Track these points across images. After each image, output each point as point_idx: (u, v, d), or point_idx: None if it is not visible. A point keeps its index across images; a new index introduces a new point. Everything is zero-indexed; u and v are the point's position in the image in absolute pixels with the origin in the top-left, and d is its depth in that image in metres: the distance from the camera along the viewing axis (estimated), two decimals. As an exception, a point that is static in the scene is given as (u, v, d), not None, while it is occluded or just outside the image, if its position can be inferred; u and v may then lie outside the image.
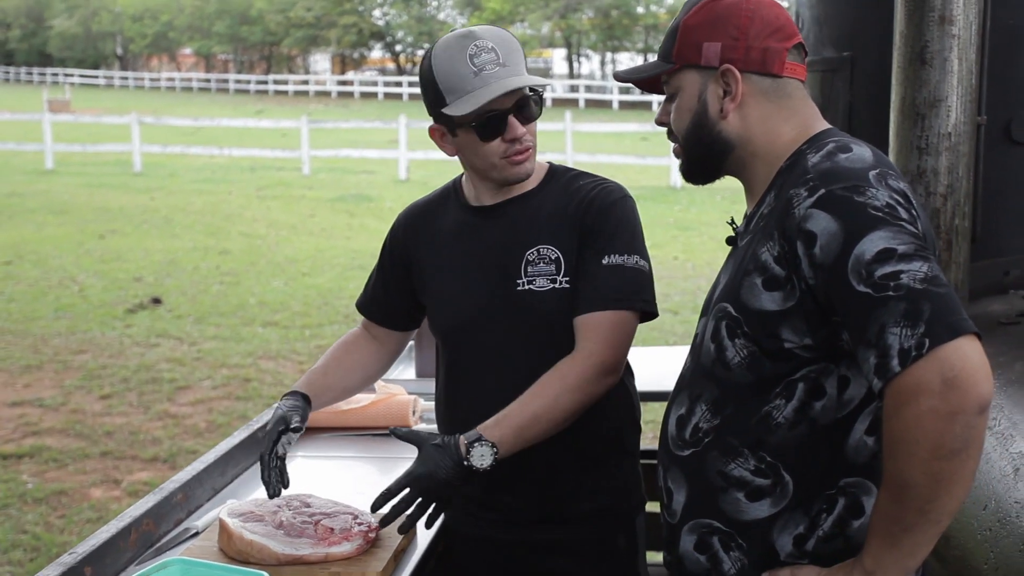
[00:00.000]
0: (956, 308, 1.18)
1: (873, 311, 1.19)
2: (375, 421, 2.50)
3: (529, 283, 1.79)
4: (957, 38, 2.01)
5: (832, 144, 1.35)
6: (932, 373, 1.14)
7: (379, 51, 54.63)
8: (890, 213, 1.24)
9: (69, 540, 4.13)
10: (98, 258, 10.15)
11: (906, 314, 1.16)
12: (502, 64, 1.73)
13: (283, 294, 8.67)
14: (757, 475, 1.37)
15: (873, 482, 1.34)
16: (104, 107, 31.25)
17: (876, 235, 1.22)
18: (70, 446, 5.19)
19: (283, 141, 21.70)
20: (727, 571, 1.40)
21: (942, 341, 1.15)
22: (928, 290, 1.17)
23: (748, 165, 1.45)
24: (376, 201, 14.16)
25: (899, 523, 1.21)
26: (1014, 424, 1.67)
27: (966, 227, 2.10)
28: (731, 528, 1.39)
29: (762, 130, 1.42)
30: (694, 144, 1.46)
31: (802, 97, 1.44)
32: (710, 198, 13.93)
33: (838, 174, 1.28)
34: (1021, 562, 1.41)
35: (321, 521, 1.76)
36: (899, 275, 1.18)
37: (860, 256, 1.21)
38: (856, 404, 1.33)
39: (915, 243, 1.22)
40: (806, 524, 1.35)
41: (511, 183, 1.83)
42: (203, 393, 6.07)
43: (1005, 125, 2.27)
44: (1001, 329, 2.05)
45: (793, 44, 1.42)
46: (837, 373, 1.32)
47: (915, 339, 1.15)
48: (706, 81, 1.43)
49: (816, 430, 1.34)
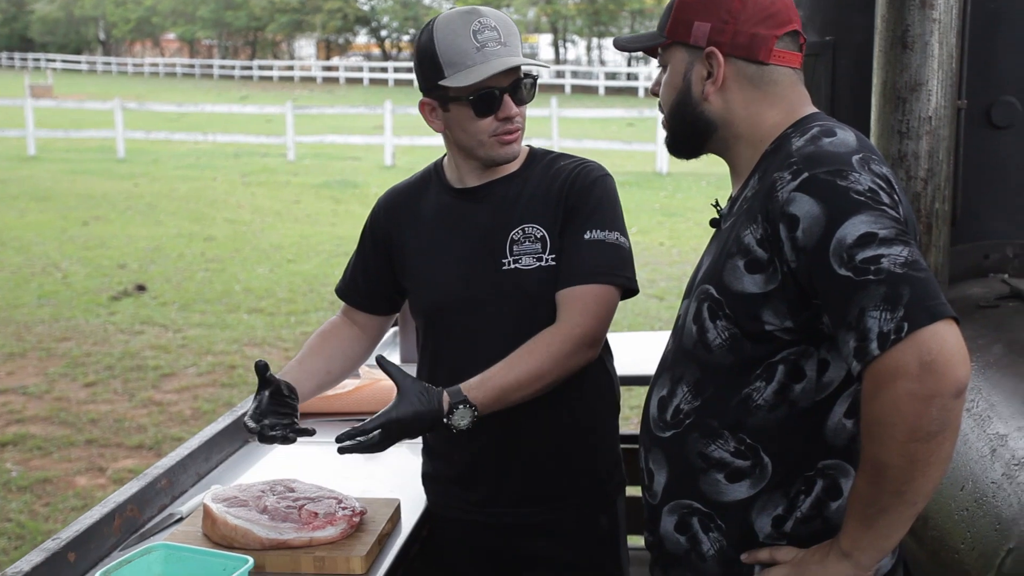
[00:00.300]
0: (935, 292, 1.19)
1: (854, 294, 1.20)
2: (360, 407, 2.50)
3: (515, 262, 1.81)
4: (938, 22, 2.02)
5: (817, 128, 1.36)
6: (910, 356, 1.16)
7: (364, 36, 54.34)
8: (872, 198, 1.25)
9: (54, 528, 4.13)
10: (81, 245, 10.09)
11: (886, 298, 1.18)
12: (503, 43, 1.76)
13: (268, 281, 8.65)
14: (737, 456, 1.38)
15: (851, 464, 1.35)
16: (87, 93, 30.99)
17: (858, 219, 1.23)
18: (54, 434, 5.17)
19: (268, 127, 21.58)
20: (706, 552, 1.42)
21: (921, 325, 1.16)
22: (908, 274, 1.19)
23: (731, 147, 1.46)
24: (362, 187, 14.11)
25: (875, 504, 1.23)
26: (991, 406, 1.69)
27: (946, 211, 2.12)
28: (710, 509, 1.41)
29: (745, 114, 1.43)
30: (677, 120, 1.48)
31: (790, 84, 1.44)
32: (695, 183, 13.94)
33: (821, 158, 1.29)
34: (997, 541, 1.42)
35: (305, 506, 1.76)
36: (880, 259, 1.20)
37: (842, 239, 1.22)
38: (835, 387, 1.34)
39: (896, 228, 1.23)
40: (785, 505, 1.37)
41: (497, 163, 1.84)
42: (188, 380, 6.06)
43: (985, 109, 2.29)
44: (980, 312, 2.07)
45: (786, 31, 1.42)
46: (817, 356, 1.33)
47: (894, 323, 1.17)
48: (693, 60, 1.44)
49: (795, 412, 1.35)
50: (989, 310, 2.05)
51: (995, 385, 1.74)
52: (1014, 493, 1.45)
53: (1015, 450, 1.52)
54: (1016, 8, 2.29)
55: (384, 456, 2.30)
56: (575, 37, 48.63)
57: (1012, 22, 2.29)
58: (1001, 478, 1.50)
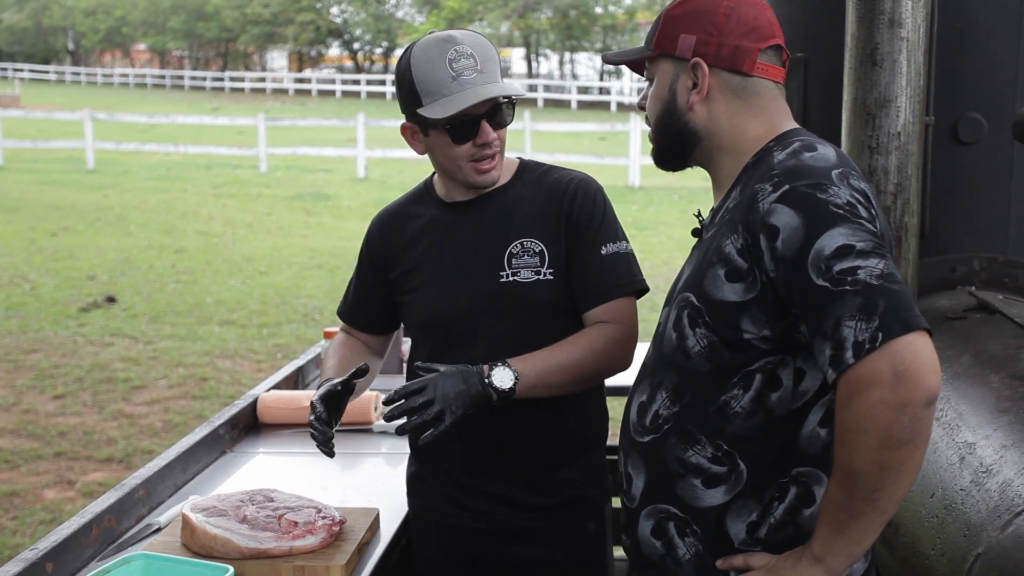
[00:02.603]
0: (909, 304, 1.22)
1: (830, 304, 1.23)
2: (347, 417, 2.49)
3: (513, 275, 1.83)
4: (906, 40, 2.07)
5: (798, 143, 1.39)
6: (884, 365, 1.19)
7: (337, 49, 54.21)
8: (850, 211, 1.28)
9: (22, 542, 4.07)
10: (50, 256, 9.98)
11: (861, 308, 1.21)
12: (479, 71, 1.78)
13: (240, 293, 8.60)
14: (714, 462, 1.40)
15: (824, 472, 1.38)
16: (55, 103, 30.66)
17: (836, 231, 1.26)
18: (22, 447, 5.10)
19: (239, 139, 21.47)
20: (682, 557, 1.44)
21: (894, 335, 1.19)
22: (883, 286, 1.21)
23: (714, 158, 1.49)
24: (334, 199, 14.07)
25: (847, 510, 1.25)
26: (960, 415, 1.72)
27: (915, 224, 2.16)
28: (686, 514, 1.43)
29: (728, 125, 1.46)
30: (662, 132, 1.51)
31: (773, 97, 1.48)
32: (667, 198, 14.04)
33: (802, 171, 1.33)
34: (967, 547, 1.45)
35: (285, 515, 1.76)
36: (856, 271, 1.22)
37: (820, 251, 1.25)
38: (810, 396, 1.37)
39: (873, 241, 1.26)
40: (759, 511, 1.39)
41: (476, 188, 1.87)
42: (159, 392, 6.01)
43: (952, 125, 2.34)
44: (948, 324, 2.11)
45: (769, 45, 1.46)
46: (793, 365, 1.36)
47: (869, 332, 1.19)
48: (678, 72, 1.47)
49: (771, 420, 1.38)
50: (957, 322, 2.10)
51: (963, 395, 1.77)
52: (982, 500, 1.48)
53: (983, 458, 1.56)
54: (981, 27, 2.35)
55: (362, 466, 2.32)
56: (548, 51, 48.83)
57: (977, 41, 2.35)
58: (970, 485, 1.54)
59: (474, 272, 1.85)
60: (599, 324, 1.83)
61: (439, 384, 1.69)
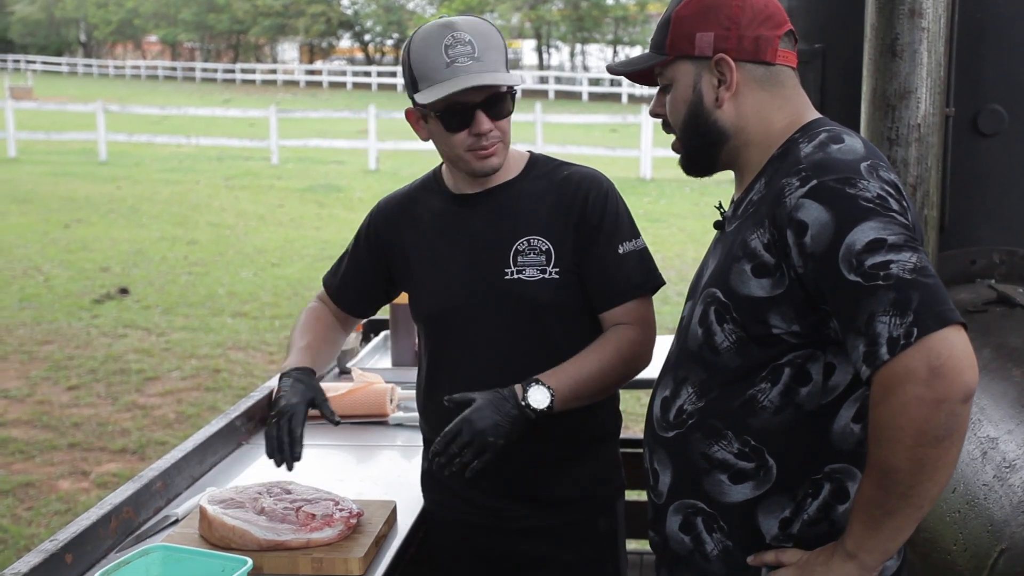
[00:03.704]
0: (943, 298, 1.20)
1: (863, 300, 1.21)
2: (352, 410, 2.51)
3: (518, 272, 1.82)
4: (926, 31, 2.05)
5: (825, 134, 1.37)
6: (919, 361, 1.17)
7: (348, 40, 54.21)
8: (881, 204, 1.26)
9: (37, 532, 4.09)
10: (64, 248, 10.02)
11: (895, 303, 1.19)
12: (476, 58, 1.75)
13: (252, 284, 8.62)
14: (740, 458, 1.39)
15: (858, 468, 1.36)
16: (68, 95, 30.77)
17: (867, 225, 1.24)
18: (37, 437, 5.13)
19: (251, 131, 21.49)
20: (710, 552, 1.43)
21: (930, 330, 1.17)
22: (917, 280, 1.20)
23: (741, 154, 1.46)
24: (346, 191, 14.08)
25: (882, 507, 1.24)
26: (982, 409, 1.71)
27: (934, 217, 2.15)
28: (714, 510, 1.42)
29: (756, 119, 1.44)
30: (691, 135, 1.48)
31: (794, 85, 1.46)
32: (679, 190, 14.00)
33: (830, 165, 1.31)
34: (989, 543, 1.44)
35: (303, 507, 1.76)
36: (889, 264, 1.21)
37: (851, 245, 1.24)
38: (841, 391, 1.35)
39: (905, 234, 1.24)
40: (792, 508, 1.37)
41: (478, 176, 1.84)
42: (172, 384, 6.03)
43: (973, 117, 2.31)
44: (968, 317, 2.09)
45: (784, 32, 1.44)
46: (823, 360, 1.34)
47: (904, 328, 1.18)
48: (700, 71, 1.44)
49: (801, 415, 1.36)
50: (977, 315, 2.08)
51: (985, 389, 1.76)
52: (1005, 495, 1.47)
53: (1005, 452, 1.55)
54: (1002, 18, 2.33)
55: (378, 459, 2.32)
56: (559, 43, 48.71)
57: (998, 31, 2.32)
58: (992, 480, 1.52)
59: (479, 268, 1.84)
60: (621, 327, 1.81)
61: (474, 422, 1.67)
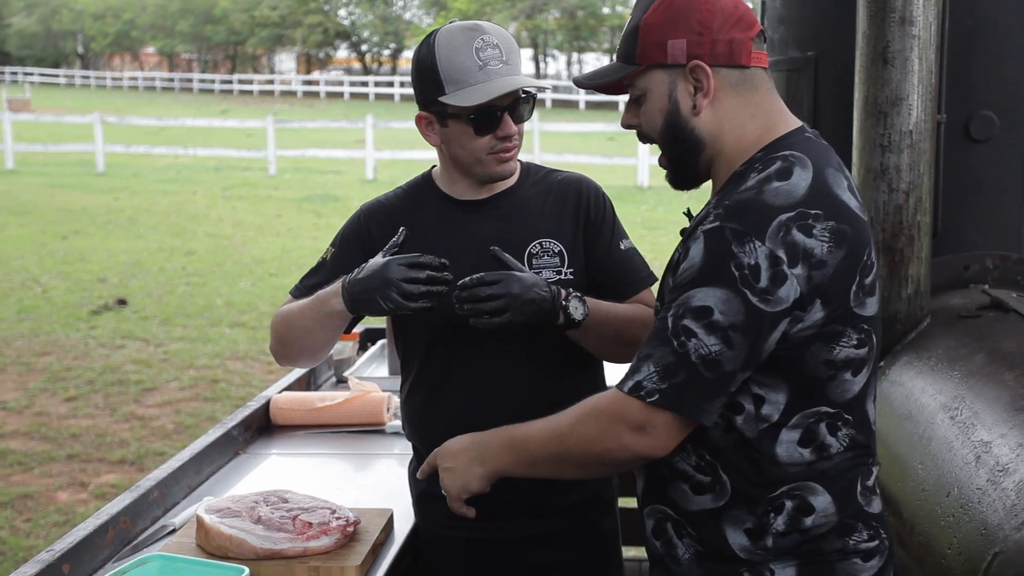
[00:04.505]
0: (701, 394, 1.30)
1: (657, 336, 1.32)
2: (349, 418, 2.52)
3: (536, 275, 1.79)
4: (917, 38, 2.06)
5: (779, 163, 1.35)
6: (639, 415, 1.32)
7: (345, 51, 54.28)
8: (747, 276, 1.27)
9: (36, 544, 4.09)
10: (61, 259, 10.02)
11: (667, 367, 1.30)
12: (505, 62, 1.75)
13: (250, 295, 8.62)
14: (698, 471, 1.41)
15: (818, 483, 1.38)
16: (65, 107, 30.81)
17: (713, 292, 1.28)
18: (35, 449, 5.13)
19: (248, 141, 21.52)
20: (681, 556, 1.45)
21: (666, 407, 1.31)
22: (696, 366, 1.29)
23: (714, 164, 1.45)
24: (343, 201, 14.09)
25: (544, 457, 1.43)
26: (975, 414, 1.72)
27: (927, 223, 2.16)
28: (681, 516, 1.44)
29: (731, 126, 1.42)
30: (671, 144, 1.45)
31: (767, 89, 1.43)
32: (676, 197, 13.96)
33: (743, 213, 1.31)
34: (983, 546, 1.45)
35: (299, 516, 1.76)
36: (692, 336, 1.29)
37: (689, 298, 1.30)
38: (776, 420, 1.36)
39: (737, 318, 1.27)
40: (753, 521, 1.39)
41: (494, 180, 1.84)
42: (170, 394, 6.03)
43: (964, 123, 2.33)
44: (961, 322, 2.10)
45: (756, 33, 1.41)
46: (750, 392, 1.36)
47: (654, 386, 1.30)
48: (674, 79, 1.41)
49: (744, 439, 1.38)
50: (971, 320, 2.09)
51: (978, 393, 1.77)
52: (999, 499, 1.48)
53: (999, 456, 1.55)
54: (992, 24, 2.34)
55: (375, 467, 2.32)
56: (555, 52, 48.80)
57: (989, 38, 2.34)
58: (986, 484, 1.53)
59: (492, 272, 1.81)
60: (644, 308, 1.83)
61: (513, 284, 1.67)
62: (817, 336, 1.33)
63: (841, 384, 1.37)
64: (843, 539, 1.40)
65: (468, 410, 1.81)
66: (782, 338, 1.31)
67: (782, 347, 1.32)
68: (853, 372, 1.37)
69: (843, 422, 1.39)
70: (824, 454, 1.38)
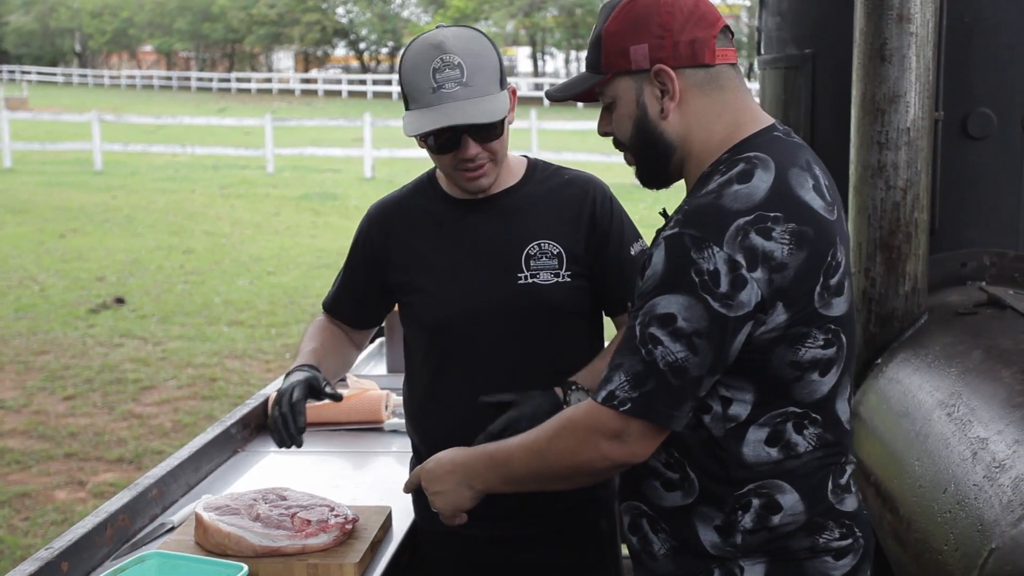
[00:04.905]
0: (670, 401, 1.31)
1: (627, 344, 1.33)
2: (348, 416, 2.52)
3: (532, 276, 1.81)
4: (915, 36, 2.06)
5: (741, 165, 1.35)
6: (614, 423, 1.33)
7: (343, 49, 54.25)
8: (707, 281, 1.28)
9: (34, 543, 4.09)
10: (59, 257, 10.02)
11: (636, 375, 1.32)
12: (464, 83, 1.70)
13: (248, 293, 8.62)
14: (667, 468, 1.43)
15: (786, 481, 1.39)
16: (63, 105, 30.74)
17: (675, 299, 1.29)
18: (33, 448, 5.13)
19: (246, 139, 21.51)
20: (657, 552, 1.46)
21: (638, 415, 1.32)
22: (664, 373, 1.30)
23: (684, 165, 1.45)
24: (341, 199, 14.09)
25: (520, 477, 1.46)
26: (972, 410, 1.72)
27: (925, 220, 2.16)
28: (654, 512, 1.46)
29: (699, 127, 1.41)
30: (641, 148, 1.46)
31: (734, 87, 1.42)
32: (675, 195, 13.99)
33: (702, 218, 1.31)
34: (980, 542, 1.45)
35: (298, 513, 1.77)
36: (659, 344, 1.30)
37: (653, 307, 1.31)
38: (743, 420, 1.37)
39: (701, 324, 1.28)
40: (722, 518, 1.41)
41: (471, 193, 1.83)
42: (168, 393, 6.03)
43: (962, 120, 2.33)
44: (959, 319, 2.11)
45: (719, 29, 1.40)
46: (718, 393, 1.37)
47: (626, 395, 1.32)
48: (640, 85, 1.40)
49: (712, 438, 1.39)
50: (968, 317, 2.09)
51: (975, 390, 1.77)
52: (995, 495, 1.48)
53: (995, 453, 1.55)
54: (990, 21, 2.35)
55: (373, 465, 2.32)
56: (553, 50, 48.80)
57: (986, 35, 2.34)
58: (982, 480, 1.53)
59: (489, 273, 1.82)
60: None
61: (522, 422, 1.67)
62: (781, 338, 1.33)
63: (808, 384, 1.37)
64: (813, 537, 1.41)
65: (467, 407, 1.81)
66: (747, 341, 1.32)
67: (747, 350, 1.33)
68: (820, 372, 1.38)
69: (811, 421, 1.39)
70: (792, 453, 1.39)
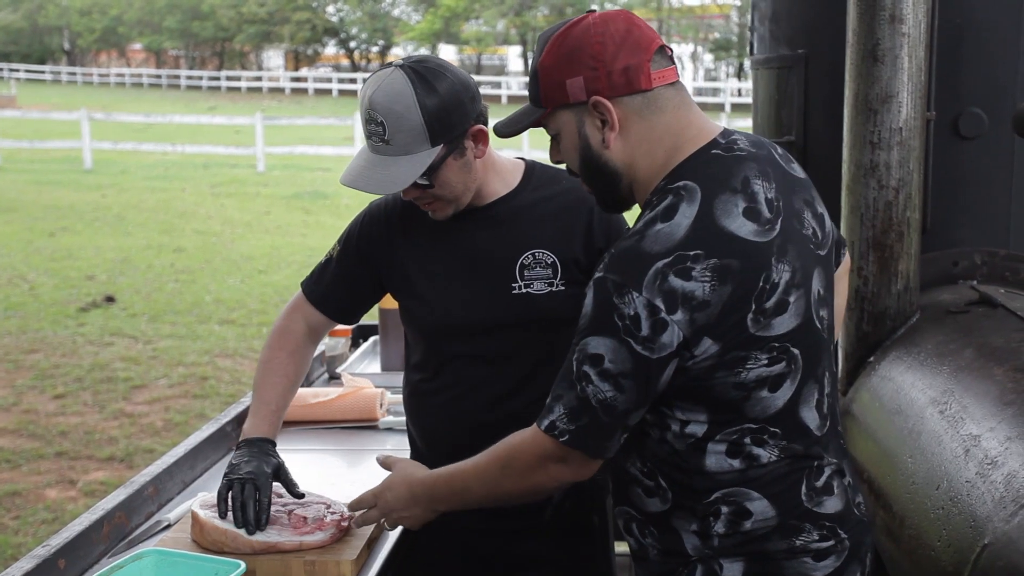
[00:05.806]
0: (602, 435, 1.38)
1: (566, 377, 1.38)
2: (343, 414, 2.52)
3: (526, 286, 1.81)
4: (907, 36, 2.08)
5: (669, 199, 1.35)
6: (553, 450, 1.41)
7: (333, 47, 54.15)
8: (629, 326, 1.31)
9: (24, 542, 4.08)
10: (49, 256, 9.98)
11: (573, 409, 1.38)
12: (386, 140, 1.69)
13: (239, 292, 8.60)
14: (645, 476, 1.46)
15: (752, 488, 1.41)
16: (52, 103, 30.61)
17: (602, 341, 1.33)
18: (23, 446, 5.11)
19: (237, 138, 21.45)
20: (650, 553, 1.49)
21: (575, 446, 1.39)
22: (596, 410, 1.36)
23: (633, 189, 1.45)
24: (332, 198, 14.07)
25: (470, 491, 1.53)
26: (964, 408, 1.73)
27: (916, 219, 2.18)
28: (642, 516, 1.49)
29: (641, 152, 1.41)
30: (591, 177, 1.46)
31: (675, 107, 1.41)
32: (665, 195, 14.03)
33: (622, 264, 1.33)
34: (973, 538, 1.46)
35: (295, 511, 1.77)
36: (590, 383, 1.35)
37: (585, 345, 1.36)
38: (701, 436, 1.39)
39: (625, 366, 1.32)
40: (697, 524, 1.43)
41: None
42: (159, 392, 6.01)
43: (953, 120, 2.34)
44: (951, 318, 2.12)
45: (654, 52, 1.39)
46: (675, 415, 1.40)
47: (565, 426, 1.38)
48: (580, 116, 1.40)
49: (675, 450, 1.42)
50: (959, 315, 2.11)
51: (967, 388, 1.78)
52: (988, 491, 1.49)
53: (987, 450, 1.57)
54: (981, 22, 2.36)
55: (368, 462, 2.32)
56: (544, 49, 48.73)
57: (978, 36, 2.36)
58: (975, 477, 1.55)
59: (484, 282, 1.82)
60: None
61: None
62: (718, 364, 1.35)
63: (759, 402, 1.38)
64: (789, 539, 1.42)
65: (465, 405, 1.82)
66: (683, 370, 1.35)
67: (688, 376, 1.35)
68: (770, 389, 1.38)
69: (770, 435, 1.40)
70: (755, 463, 1.41)
